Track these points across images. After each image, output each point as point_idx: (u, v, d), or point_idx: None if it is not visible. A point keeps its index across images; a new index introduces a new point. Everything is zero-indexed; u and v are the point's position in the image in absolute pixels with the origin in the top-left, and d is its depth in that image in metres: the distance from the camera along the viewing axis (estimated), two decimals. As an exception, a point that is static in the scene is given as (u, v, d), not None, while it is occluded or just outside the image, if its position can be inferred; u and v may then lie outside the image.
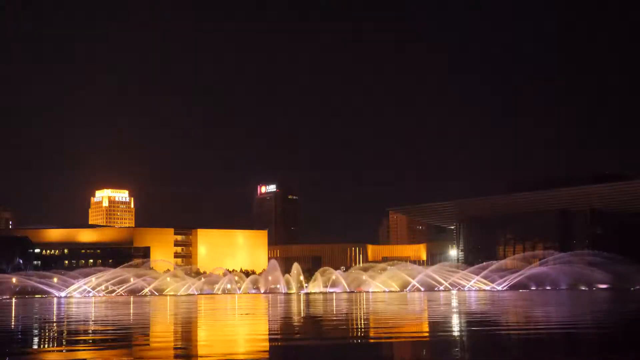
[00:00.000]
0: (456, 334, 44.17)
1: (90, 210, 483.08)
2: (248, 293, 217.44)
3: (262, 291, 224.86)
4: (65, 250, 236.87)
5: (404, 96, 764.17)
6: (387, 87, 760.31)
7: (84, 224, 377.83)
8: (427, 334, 45.01)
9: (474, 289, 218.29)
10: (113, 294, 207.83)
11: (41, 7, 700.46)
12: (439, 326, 50.38)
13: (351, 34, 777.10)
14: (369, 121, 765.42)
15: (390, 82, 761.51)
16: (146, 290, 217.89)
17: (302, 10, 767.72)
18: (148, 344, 40.35)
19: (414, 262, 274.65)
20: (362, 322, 55.47)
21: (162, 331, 50.16)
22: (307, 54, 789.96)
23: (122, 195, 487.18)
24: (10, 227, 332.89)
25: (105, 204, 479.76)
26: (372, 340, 40.97)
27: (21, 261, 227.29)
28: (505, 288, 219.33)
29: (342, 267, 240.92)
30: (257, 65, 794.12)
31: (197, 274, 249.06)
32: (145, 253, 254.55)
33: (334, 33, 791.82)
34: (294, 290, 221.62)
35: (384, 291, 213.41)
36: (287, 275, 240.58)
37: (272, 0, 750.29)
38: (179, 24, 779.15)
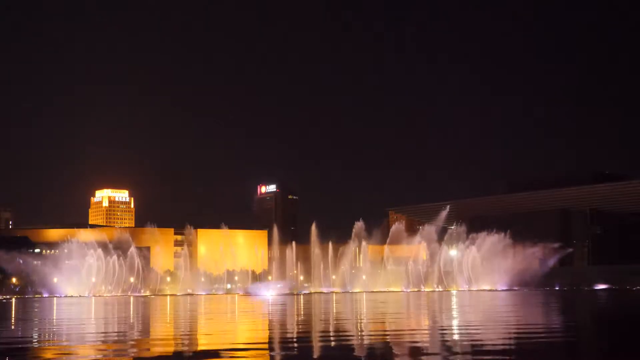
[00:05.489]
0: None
1: (90, 210, 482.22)
2: (248, 293, 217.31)
3: (262, 291, 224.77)
4: (65, 250, 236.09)
5: (404, 96, 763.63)
6: (387, 87, 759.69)
7: (84, 223, 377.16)
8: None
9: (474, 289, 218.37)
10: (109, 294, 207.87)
11: (41, 7, 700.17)
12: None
13: (352, 34, 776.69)
14: (369, 121, 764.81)
15: (390, 81, 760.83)
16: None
17: (302, 10, 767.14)
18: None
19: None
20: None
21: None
22: (308, 54, 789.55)
23: (122, 195, 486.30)
24: (10, 227, 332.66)
25: (105, 204, 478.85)
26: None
27: (21, 261, 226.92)
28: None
29: (343, 267, 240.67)
30: (257, 65, 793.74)
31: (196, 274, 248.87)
32: (145, 253, 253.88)
33: (334, 33, 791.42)
34: (296, 291, 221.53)
35: (385, 291, 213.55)
36: (287, 275, 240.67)
37: (271, 2, 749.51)
38: (180, 23, 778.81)
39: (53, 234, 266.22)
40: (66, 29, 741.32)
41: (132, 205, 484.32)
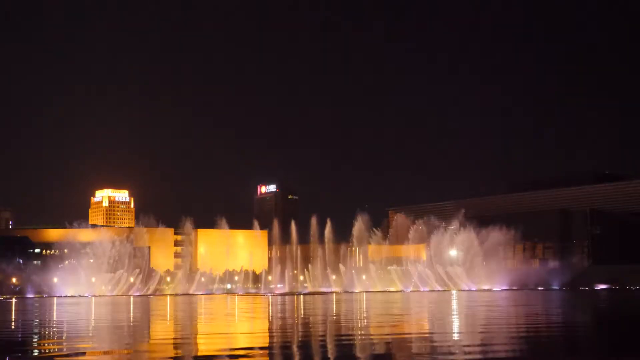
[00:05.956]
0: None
1: (90, 210, 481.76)
2: (248, 293, 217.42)
3: (263, 291, 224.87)
4: (65, 250, 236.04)
5: (404, 96, 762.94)
6: (388, 87, 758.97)
7: (84, 223, 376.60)
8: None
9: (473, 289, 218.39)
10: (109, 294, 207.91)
11: (41, 6, 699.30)
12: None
13: (352, 34, 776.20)
14: (369, 121, 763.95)
15: (390, 81, 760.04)
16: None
17: (302, 11, 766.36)
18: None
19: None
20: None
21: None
22: (308, 54, 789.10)
23: (122, 195, 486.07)
24: (10, 227, 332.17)
25: (105, 204, 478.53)
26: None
27: (21, 261, 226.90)
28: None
29: (342, 267, 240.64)
30: (258, 65, 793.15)
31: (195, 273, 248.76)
32: (145, 253, 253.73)
33: (333, 33, 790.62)
34: (297, 290, 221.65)
35: (386, 291, 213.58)
36: (287, 275, 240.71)
37: (272, 2, 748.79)
38: (180, 23, 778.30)
39: (53, 234, 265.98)
40: (66, 29, 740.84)
41: (132, 205, 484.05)
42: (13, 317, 79.86)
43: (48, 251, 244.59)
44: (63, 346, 40.72)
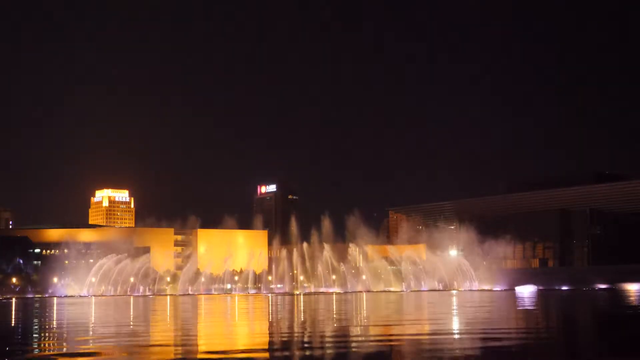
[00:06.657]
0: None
1: (90, 210, 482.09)
2: (248, 293, 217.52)
3: (263, 291, 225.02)
4: (65, 250, 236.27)
5: (404, 96, 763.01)
6: (387, 87, 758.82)
7: (84, 223, 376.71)
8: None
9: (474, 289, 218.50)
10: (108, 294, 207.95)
11: (41, 7, 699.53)
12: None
13: (352, 35, 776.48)
14: (370, 121, 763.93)
15: (390, 81, 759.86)
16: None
17: (303, 11, 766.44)
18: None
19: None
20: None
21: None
22: (307, 54, 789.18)
23: (122, 195, 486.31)
24: (10, 227, 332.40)
25: (105, 204, 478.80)
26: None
27: (21, 261, 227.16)
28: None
29: (343, 267, 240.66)
30: (258, 65, 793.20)
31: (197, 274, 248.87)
32: (145, 253, 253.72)
33: (333, 33, 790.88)
34: (297, 291, 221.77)
35: (386, 291, 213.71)
36: (287, 275, 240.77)
37: (272, 2, 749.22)
38: (180, 23, 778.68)
39: (53, 234, 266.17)
40: (67, 29, 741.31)
41: (132, 205, 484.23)
42: (13, 317, 79.94)
43: (48, 251, 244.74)
44: (63, 346, 40.77)
